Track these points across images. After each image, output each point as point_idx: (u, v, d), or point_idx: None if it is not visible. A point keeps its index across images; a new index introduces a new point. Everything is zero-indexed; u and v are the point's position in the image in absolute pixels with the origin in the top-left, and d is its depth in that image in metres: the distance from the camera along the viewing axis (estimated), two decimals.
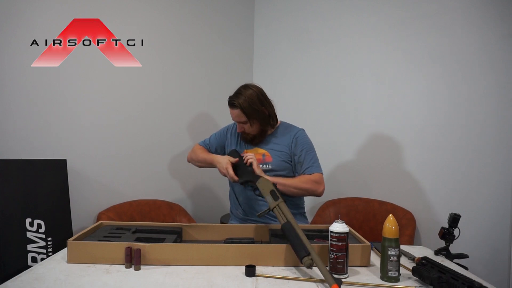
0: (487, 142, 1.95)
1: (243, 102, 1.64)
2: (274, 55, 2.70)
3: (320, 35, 2.50)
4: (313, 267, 1.11)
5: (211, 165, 1.73)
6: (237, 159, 1.60)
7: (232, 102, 1.67)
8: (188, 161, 1.91)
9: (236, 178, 1.54)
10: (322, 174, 1.68)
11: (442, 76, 2.07)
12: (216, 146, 1.87)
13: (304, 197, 1.80)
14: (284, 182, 1.59)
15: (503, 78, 1.91)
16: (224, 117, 2.58)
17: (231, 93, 1.71)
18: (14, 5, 1.82)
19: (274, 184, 1.41)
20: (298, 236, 1.16)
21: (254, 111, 1.66)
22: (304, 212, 1.81)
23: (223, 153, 1.83)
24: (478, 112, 1.98)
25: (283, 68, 2.64)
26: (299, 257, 1.12)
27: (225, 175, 1.59)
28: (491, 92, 1.95)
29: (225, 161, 1.58)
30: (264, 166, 1.69)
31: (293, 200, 1.71)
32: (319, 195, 1.67)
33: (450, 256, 1.35)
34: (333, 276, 1.03)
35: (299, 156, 1.69)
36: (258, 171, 1.52)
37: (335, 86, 2.44)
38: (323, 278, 1.09)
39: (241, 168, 1.57)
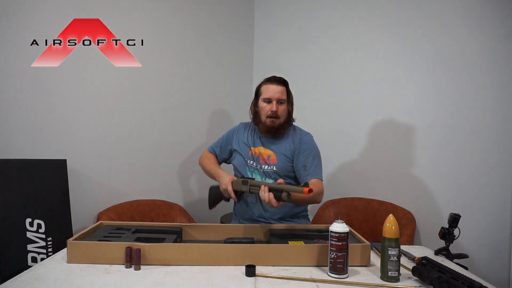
0: (487, 142, 1.95)
1: (287, 83, 1.74)
2: (274, 54, 2.69)
3: (321, 33, 2.49)
4: (286, 195, 1.29)
5: (214, 179, 1.73)
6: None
7: (281, 78, 1.73)
8: (199, 165, 1.90)
9: (234, 197, 1.56)
10: (322, 180, 1.65)
11: (443, 76, 2.07)
12: (220, 148, 1.84)
13: None
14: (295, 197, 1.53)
15: (506, 78, 1.91)
16: (224, 117, 2.59)
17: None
18: (14, 5, 1.82)
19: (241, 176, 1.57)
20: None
21: (291, 95, 1.75)
22: (307, 214, 1.82)
23: (225, 155, 1.83)
24: (479, 112, 1.97)
25: (283, 67, 2.64)
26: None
27: (225, 190, 1.58)
28: (492, 92, 1.94)
29: (227, 180, 1.57)
30: (268, 167, 1.69)
31: None
32: (318, 202, 1.72)
33: (450, 256, 1.35)
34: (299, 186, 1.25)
35: (305, 159, 1.66)
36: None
37: (336, 84, 2.43)
38: (323, 278, 1.11)
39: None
